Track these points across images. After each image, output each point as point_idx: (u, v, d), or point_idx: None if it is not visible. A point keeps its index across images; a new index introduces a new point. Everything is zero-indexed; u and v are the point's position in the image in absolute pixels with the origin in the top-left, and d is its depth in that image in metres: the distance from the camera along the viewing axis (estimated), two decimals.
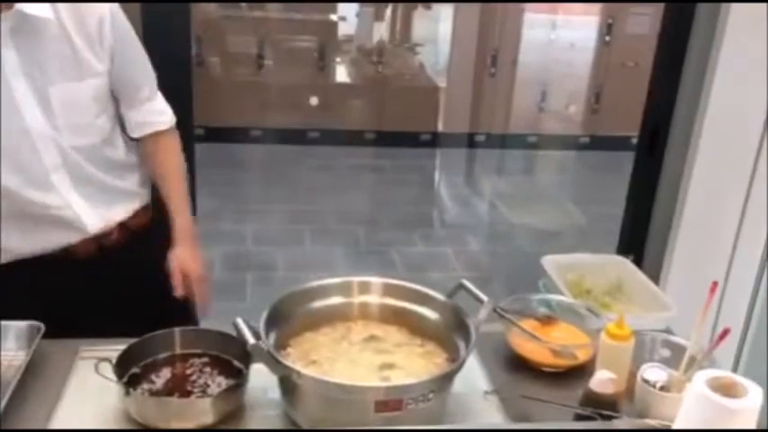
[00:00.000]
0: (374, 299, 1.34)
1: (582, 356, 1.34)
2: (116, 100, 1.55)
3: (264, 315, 1.21)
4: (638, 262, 2.20)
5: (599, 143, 5.54)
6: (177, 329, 1.29)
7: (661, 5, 2.37)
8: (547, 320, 1.43)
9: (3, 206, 1.31)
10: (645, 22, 5.04)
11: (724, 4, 2.13)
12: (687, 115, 2.27)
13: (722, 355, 1.36)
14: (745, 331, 2.34)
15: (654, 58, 2.36)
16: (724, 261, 2.29)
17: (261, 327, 1.17)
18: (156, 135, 1.62)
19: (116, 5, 1.47)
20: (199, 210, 2.11)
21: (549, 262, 1.81)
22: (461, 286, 1.33)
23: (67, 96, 1.41)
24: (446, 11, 5.45)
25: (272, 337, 1.19)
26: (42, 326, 1.31)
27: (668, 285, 2.27)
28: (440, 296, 1.32)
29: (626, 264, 1.88)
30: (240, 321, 1.16)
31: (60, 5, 1.39)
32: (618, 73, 5.38)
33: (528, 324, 1.40)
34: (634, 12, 5.26)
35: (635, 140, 2.46)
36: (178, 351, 1.28)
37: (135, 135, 1.61)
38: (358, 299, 1.33)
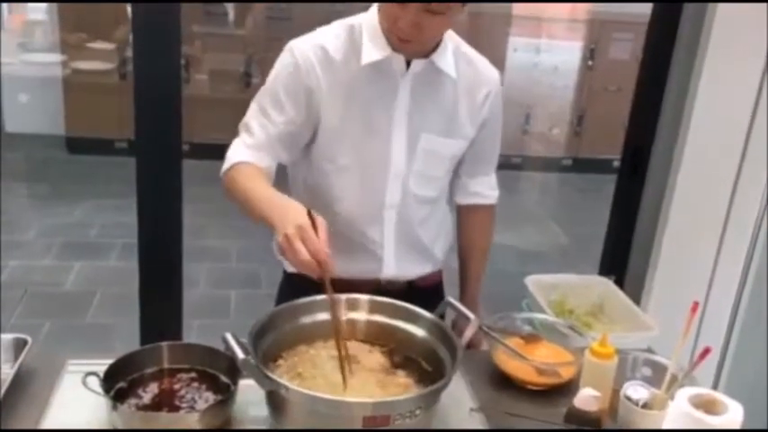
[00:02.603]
0: (361, 316, 1.35)
1: (565, 374, 1.36)
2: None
3: (253, 330, 1.22)
4: (620, 282, 2.23)
5: (581, 165, 5.61)
6: (165, 344, 1.29)
7: (643, 30, 2.42)
8: (531, 339, 1.45)
9: (327, 221, 1.30)
10: (627, 48, 5.14)
11: (706, 26, 2.17)
12: (668, 138, 2.31)
13: (702, 374, 1.39)
14: (725, 350, 2.38)
15: (636, 83, 2.41)
16: (704, 281, 2.33)
17: (249, 342, 1.18)
18: (481, 208, 1.70)
19: (499, 85, 1.56)
20: (184, 226, 2.12)
21: (532, 282, 1.83)
22: (447, 304, 1.35)
23: (433, 147, 1.51)
24: None
25: (260, 351, 1.19)
26: (29, 339, 1.31)
27: (650, 305, 2.30)
28: (426, 314, 1.33)
29: (608, 284, 1.91)
30: (229, 336, 1.17)
31: (462, 70, 1.50)
32: (600, 97, 5.47)
33: (513, 342, 1.41)
34: (616, 38, 5.36)
35: (616, 163, 2.50)
36: (166, 366, 1.28)
37: (464, 202, 1.69)
38: (346, 315, 1.34)
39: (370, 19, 1.44)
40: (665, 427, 0.91)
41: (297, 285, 1.44)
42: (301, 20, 1.50)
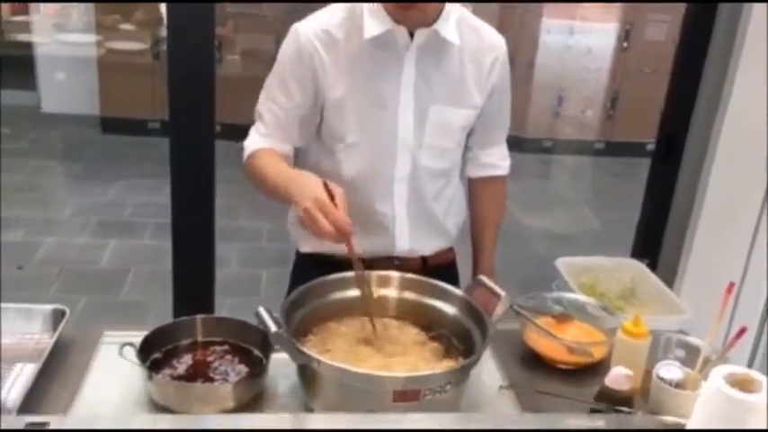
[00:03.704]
0: (392, 293, 1.36)
1: (597, 354, 1.35)
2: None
3: (285, 305, 1.23)
4: (653, 266, 2.21)
5: (614, 149, 5.53)
6: (199, 317, 1.31)
7: (680, 12, 2.38)
8: (562, 318, 1.45)
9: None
10: (663, 29, 5.04)
11: (745, 11, 2.13)
12: (705, 122, 2.28)
13: (736, 356, 1.37)
14: (760, 332, 2.35)
15: (672, 65, 2.37)
16: (739, 265, 2.29)
17: (281, 316, 1.19)
18: (493, 180, 1.69)
19: (505, 52, 1.55)
20: (216, 207, 2.15)
21: (563, 264, 1.82)
22: (479, 282, 1.35)
23: (442, 118, 1.50)
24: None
25: (292, 326, 1.21)
26: (67, 310, 1.34)
27: (683, 289, 2.27)
28: (457, 291, 1.34)
29: (640, 267, 1.89)
30: (262, 310, 1.19)
31: (467, 39, 1.48)
32: (635, 79, 5.38)
33: (543, 321, 1.41)
34: (652, 19, 5.25)
35: (650, 147, 2.47)
36: (200, 338, 1.30)
37: (476, 174, 1.68)
38: (377, 292, 1.35)
39: None
40: (698, 406, 0.90)
41: (310, 265, 1.46)
42: None
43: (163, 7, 2.03)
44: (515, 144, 1.76)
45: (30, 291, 3.20)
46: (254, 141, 1.51)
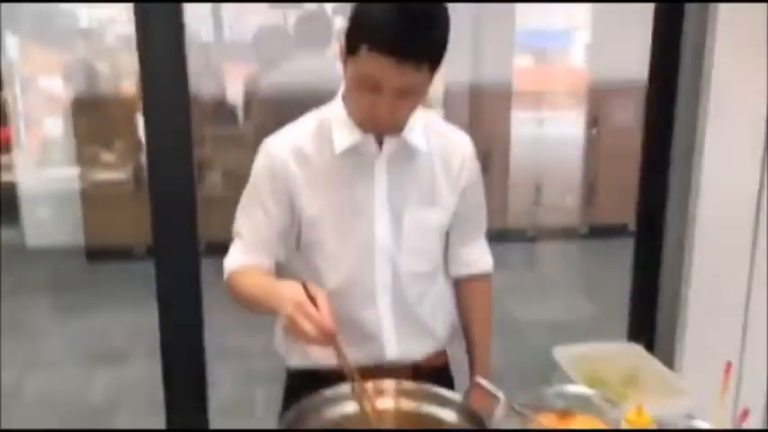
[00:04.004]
0: (388, 403, 1.33)
1: None
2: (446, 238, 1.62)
3: (280, 425, 1.20)
4: (651, 347, 2.19)
5: (598, 232, 5.59)
6: None
7: (642, 96, 2.46)
8: (564, 414, 1.41)
9: None
10: (630, 114, 5.20)
11: (705, 79, 2.20)
12: (681, 198, 2.32)
13: None
14: None
15: (641, 147, 2.43)
16: (736, 338, 2.28)
17: None
18: (477, 277, 1.70)
19: (472, 151, 1.59)
20: (207, 325, 2.12)
21: (561, 354, 1.79)
22: (476, 384, 1.33)
23: (417, 220, 1.52)
24: (436, 111, 5.65)
25: None
26: None
27: (683, 368, 2.24)
28: (455, 396, 1.31)
29: (638, 350, 1.87)
30: None
31: (434, 143, 1.52)
32: (609, 163, 5.49)
33: (546, 418, 1.38)
34: (618, 104, 5.44)
35: (633, 228, 2.50)
36: None
37: (459, 273, 1.68)
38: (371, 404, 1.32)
39: (336, 108, 1.48)
40: None
41: (302, 383, 1.44)
42: (309, 110, 1.56)
43: (142, 135, 2.09)
44: (499, 236, 1.78)
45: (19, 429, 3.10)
46: (234, 259, 1.52)
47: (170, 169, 2.02)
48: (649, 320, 2.40)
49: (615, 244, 4.80)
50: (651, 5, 2.31)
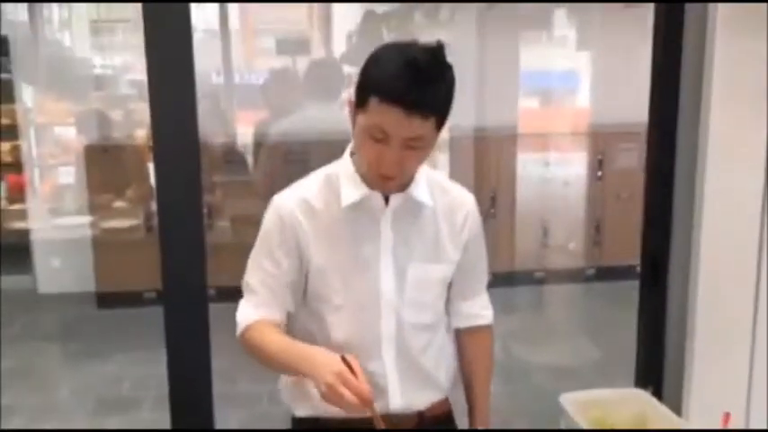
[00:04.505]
0: None
1: None
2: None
3: None
4: (658, 393, 2.18)
5: (604, 274, 5.58)
6: None
7: (644, 140, 2.49)
8: None
9: None
10: (633, 156, 5.24)
11: (703, 123, 2.23)
12: (684, 241, 2.32)
13: None
14: None
15: (644, 191, 2.44)
16: (743, 384, 2.26)
17: None
18: (478, 330, 1.73)
19: (475, 206, 1.64)
20: (215, 370, 2.13)
21: (568, 400, 1.79)
22: None
23: (421, 275, 1.55)
24: (442, 156, 5.69)
25: None
26: None
27: (691, 413, 2.23)
28: None
29: (646, 397, 1.86)
30: None
31: (438, 199, 1.56)
32: (614, 205, 5.52)
33: None
34: (622, 147, 5.48)
35: (639, 269, 2.50)
36: None
37: (460, 325, 1.71)
38: None
39: (344, 164, 1.54)
40: None
41: (306, 430, 1.45)
42: (318, 161, 1.60)
43: (153, 182, 2.14)
44: (506, 279, 1.81)
45: None
46: (247, 315, 1.55)
47: (180, 215, 2.04)
48: (656, 366, 2.39)
49: (622, 286, 4.79)
50: (649, 52, 2.35)
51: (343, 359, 1.30)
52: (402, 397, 1.57)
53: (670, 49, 2.29)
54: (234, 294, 1.61)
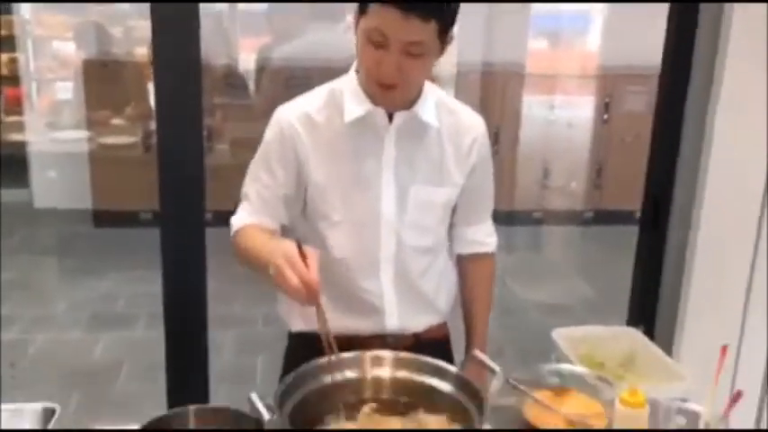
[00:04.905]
0: (386, 372, 1.35)
1: (597, 426, 1.33)
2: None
3: (278, 391, 1.22)
4: (650, 332, 2.20)
5: (603, 218, 5.58)
6: (191, 408, 1.29)
7: (655, 83, 2.45)
8: (560, 391, 1.43)
9: (325, 277, 1.37)
10: (641, 100, 5.17)
11: (718, 73, 2.19)
12: (687, 186, 2.32)
13: (742, 418, 1.35)
14: (764, 392, 2.31)
15: (651, 134, 2.42)
16: (736, 325, 2.28)
17: (274, 402, 1.18)
18: (480, 256, 1.71)
19: (484, 131, 1.58)
20: (210, 293, 2.14)
21: (560, 335, 1.80)
22: (473, 358, 1.34)
23: (423, 198, 1.53)
24: (448, 91, 5.62)
25: (286, 411, 1.19)
26: (57, 407, 1.32)
27: (682, 354, 2.25)
28: (452, 368, 1.33)
29: (637, 335, 1.88)
30: (255, 397, 1.17)
31: (446, 120, 1.52)
32: (618, 149, 5.48)
33: (541, 395, 1.39)
34: (630, 90, 5.41)
35: (638, 215, 2.50)
36: (192, 428, 1.28)
37: (462, 251, 1.69)
38: (371, 372, 1.34)
39: (349, 80, 1.50)
40: None
41: (303, 347, 1.45)
42: (321, 82, 1.57)
43: (153, 101, 2.10)
44: (505, 218, 1.79)
45: (22, 389, 3.14)
46: (241, 218, 1.55)
47: (179, 136, 2.02)
48: (649, 306, 2.41)
49: (620, 231, 4.80)
50: None
51: (299, 248, 1.27)
52: (399, 318, 1.57)
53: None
54: (229, 220, 1.60)
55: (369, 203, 1.51)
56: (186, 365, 2.16)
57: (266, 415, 1.13)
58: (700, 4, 2.22)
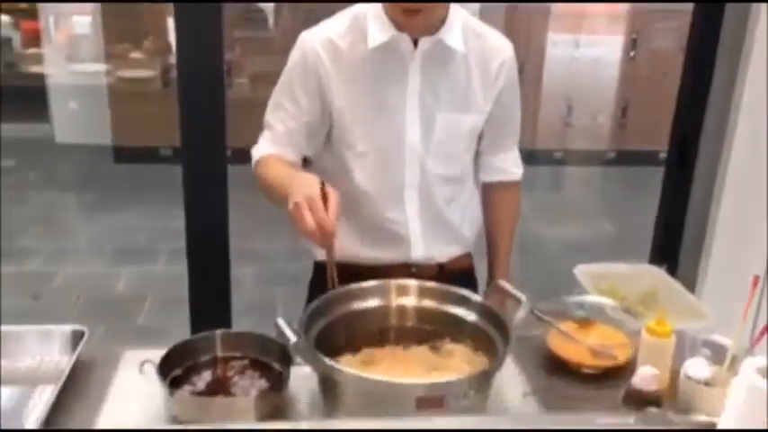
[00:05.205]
0: (411, 301, 1.35)
1: (621, 357, 1.33)
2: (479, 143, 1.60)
3: (304, 316, 1.22)
4: (672, 271, 2.18)
5: (626, 158, 5.51)
6: (218, 332, 1.31)
7: (687, 18, 2.38)
8: (584, 323, 1.43)
9: (350, 207, 1.37)
10: (670, 36, 5.04)
11: (753, 11, 2.12)
12: (718, 123, 2.27)
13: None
14: None
15: (682, 72, 2.36)
16: (761, 264, 2.26)
17: (300, 326, 1.18)
18: (506, 185, 1.69)
19: (512, 55, 1.54)
20: (232, 229, 2.15)
21: (582, 272, 1.79)
22: (497, 287, 1.34)
23: (449, 125, 1.50)
24: None
25: (312, 336, 1.20)
26: (86, 330, 1.34)
27: (704, 293, 2.24)
28: (476, 297, 1.32)
29: (659, 272, 1.86)
30: (281, 321, 1.18)
31: (472, 45, 1.47)
32: (644, 87, 5.37)
33: (566, 326, 1.39)
34: (660, 27, 5.26)
35: (663, 155, 2.46)
36: (219, 354, 1.29)
37: (488, 180, 1.67)
38: (395, 301, 1.34)
39: (372, 5, 1.45)
40: (731, 400, 0.88)
41: (326, 276, 1.44)
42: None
43: (172, 35, 2.07)
44: (526, 157, 1.75)
45: (47, 319, 3.18)
46: (262, 148, 1.53)
47: (200, 70, 1.99)
48: (673, 245, 2.39)
49: (643, 171, 4.75)
50: None
51: (322, 188, 1.24)
52: (424, 248, 1.56)
53: None
54: (249, 156, 1.57)
55: (393, 132, 1.48)
56: (209, 299, 2.18)
57: (293, 338, 1.14)
58: None
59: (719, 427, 0.87)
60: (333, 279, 1.30)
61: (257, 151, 1.53)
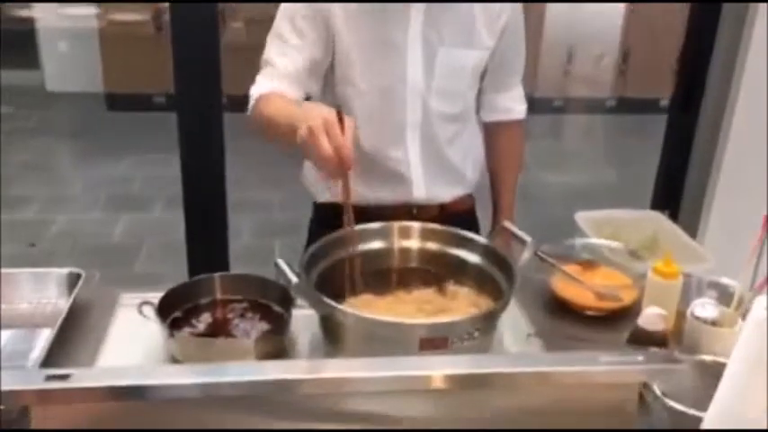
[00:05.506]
0: (414, 243, 1.32)
1: (626, 299, 1.31)
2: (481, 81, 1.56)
3: (304, 257, 1.20)
4: (674, 217, 2.17)
5: (626, 105, 5.45)
6: (217, 275, 1.28)
7: None
8: (588, 265, 1.41)
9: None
10: None
11: None
12: (723, 69, 2.23)
13: None
14: None
15: (688, 16, 2.31)
16: (764, 210, 2.25)
17: (300, 267, 1.16)
18: (510, 124, 1.65)
19: None
20: (227, 178, 2.11)
21: (583, 218, 1.77)
22: (501, 229, 1.32)
23: (451, 61, 1.46)
24: None
25: (313, 277, 1.18)
26: (83, 272, 1.32)
27: (705, 239, 2.24)
28: (481, 239, 1.30)
29: (661, 218, 1.85)
30: (282, 262, 1.15)
31: None
32: (646, 34, 5.28)
33: (570, 269, 1.38)
34: None
35: (663, 103, 2.43)
36: (219, 296, 1.27)
37: (491, 118, 1.64)
38: (398, 243, 1.32)
39: None
40: (741, 339, 0.87)
41: (328, 217, 1.41)
42: None
43: None
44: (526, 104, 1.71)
45: (43, 266, 3.19)
46: (262, 86, 1.44)
47: (193, 14, 1.93)
48: (676, 191, 2.37)
49: (644, 119, 4.71)
50: None
51: (339, 114, 1.13)
52: (426, 188, 1.53)
53: None
54: (245, 104, 1.50)
55: (394, 69, 1.44)
56: (207, 246, 2.17)
57: (294, 278, 1.12)
58: None
59: (730, 365, 0.86)
60: (349, 217, 1.23)
61: (256, 89, 1.45)
